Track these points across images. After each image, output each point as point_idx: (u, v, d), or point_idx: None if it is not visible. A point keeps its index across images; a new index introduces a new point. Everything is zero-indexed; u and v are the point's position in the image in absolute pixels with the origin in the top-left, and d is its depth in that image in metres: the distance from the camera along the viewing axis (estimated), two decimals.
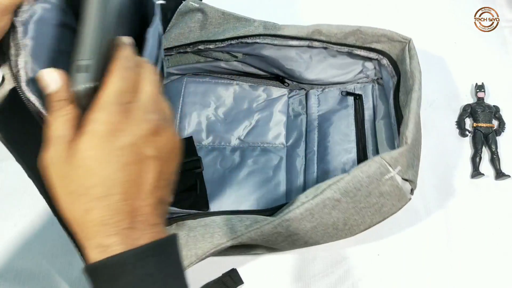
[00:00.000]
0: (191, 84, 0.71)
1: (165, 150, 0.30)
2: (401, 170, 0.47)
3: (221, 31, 0.65)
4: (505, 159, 0.66)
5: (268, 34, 0.61)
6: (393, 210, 0.52)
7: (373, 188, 0.47)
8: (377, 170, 0.46)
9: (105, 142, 0.27)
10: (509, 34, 0.76)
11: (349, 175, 0.47)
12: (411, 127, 0.49)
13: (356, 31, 0.60)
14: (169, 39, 0.66)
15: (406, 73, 0.57)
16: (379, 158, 0.46)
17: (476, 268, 0.59)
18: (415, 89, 0.53)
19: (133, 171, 0.28)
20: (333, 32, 0.60)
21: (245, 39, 0.62)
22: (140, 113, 0.29)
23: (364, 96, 0.67)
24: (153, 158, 0.29)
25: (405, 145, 0.48)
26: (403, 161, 0.47)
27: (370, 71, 0.67)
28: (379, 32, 0.60)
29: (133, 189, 0.28)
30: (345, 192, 0.47)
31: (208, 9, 0.65)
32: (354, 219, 0.50)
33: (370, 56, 0.63)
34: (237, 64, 0.67)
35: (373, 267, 0.60)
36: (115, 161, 0.27)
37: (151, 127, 0.29)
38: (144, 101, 0.30)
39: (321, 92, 0.69)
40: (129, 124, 0.28)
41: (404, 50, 0.59)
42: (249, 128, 0.68)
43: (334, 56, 0.65)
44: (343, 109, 0.67)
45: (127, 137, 0.28)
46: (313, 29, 0.60)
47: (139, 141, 0.28)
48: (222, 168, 0.65)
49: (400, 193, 0.49)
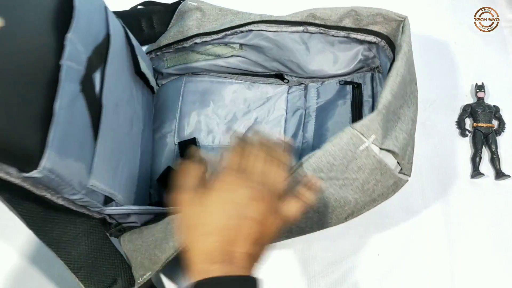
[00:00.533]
0: (190, 84, 0.71)
1: (264, 217, 0.36)
2: (376, 139, 0.42)
3: (218, 26, 0.65)
4: (505, 159, 0.66)
5: (262, 20, 0.61)
6: (380, 189, 0.47)
7: (348, 162, 0.43)
8: (349, 141, 0.42)
9: (222, 196, 0.36)
10: (509, 34, 0.76)
11: (321, 150, 0.43)
12: (384, 94, 0.44)
13: (351, 11, 0.58)
14: (167, 37, 0.66)
15: (398, 48, 0.52)
16: (349, 128, 0.42)
17: (476, 268, 0.59)
18: (397, 59, 0.48)
19: (232, 222, 0.35)
20: (328, 15, 0.59)
21: (240, 28, 0.62)
22: (249, 180, 0.37)
23: (363, 84, 0.66)
24: (252, 219, 0.35)
25: (375, 110, 0.43)
26: (376, 128, 0.42)
27: (370, 60, 0.66)
28: (374, 11, 0.57)
29: (231, 236, 0.35)
30: (318, 168, 0.44)
31: (206, 6, 0.66)
32: (335, 199, 0.46)
33: (368, 40, 0.61)
34: (236, 62, 0.67)
35: (373, 267, 0.60)
36: (223, 211, 0.36)
37: (255, 193, 0.36)
38: (255, 173, 0.38)
39: (321, 85, 0.69)
40: (239, 186, 0.36)
41: (398, 27, 0.56)
42: (248, 126, 0.68)
43: (332, 45, 0.64)
44: (341, 99, 0.67)
45: (235, 195, 0.36)
46: (307, 13, 0.60)
47: (243, 201, 0.36)
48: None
49: (381, 166, 0.44)
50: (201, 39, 0.65)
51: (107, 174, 0.45)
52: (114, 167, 0.48)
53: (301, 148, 0.65)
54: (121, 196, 0.48)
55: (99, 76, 0.46)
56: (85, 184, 0.41)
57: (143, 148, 0.59)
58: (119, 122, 0.50)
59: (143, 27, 0.68)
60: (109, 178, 0.46)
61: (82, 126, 0.41)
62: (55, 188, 0.39)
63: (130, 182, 0.53)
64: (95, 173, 0.42)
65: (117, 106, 0.49)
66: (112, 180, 0.47)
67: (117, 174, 0.48)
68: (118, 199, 0.48)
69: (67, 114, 0.38)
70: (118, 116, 0.49)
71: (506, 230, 0.61)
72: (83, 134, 0.42)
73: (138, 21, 0.67)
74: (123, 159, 0.50)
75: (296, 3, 0.65)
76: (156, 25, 0.68)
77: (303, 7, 0.61)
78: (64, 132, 0.37)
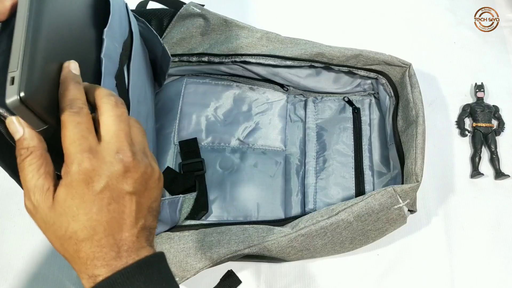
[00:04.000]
0: (191, 85, 0.71)
1: (140, 183, 0.31)
2: (409, 203, 0.53)
3: (223, 39, 0.65)
4: (505, 159, 0.66)
5: (271, 55, 0.63)
6: (391, 230, 0.56)
7: (382, 215, 0.52)
8: (388, 199, 0.51)
9: (83, 190, 0.29)
10: (509, 34, 0.76)
11: (363, 201, 0.52)
12: (419, 164, 0.53)
13: (358, 55, 0.62)
14: (170, 43, 0.66)
15: (407, 101, 0.59)
16: (391, 189, 0.51)
17: (475, 268, 0.59)
18: (419, 122, 0.56)
19: (112, 209, 0.30)
20: (335, 56, 0.62)
21: (248, 58, 0.64)
22: (106, 154, 0.30)
23: (361, 110, 0.69)
24: (130, 193, 0.31)
25: (416, 183, 0.53)
26: (412, 195, 0.53)
27: (367, 86, 0.68)
28: (380, 58, 0.62)
29: (115, 225, 0.30)
30: (358, 216, 0.52)
31: (210, 15, 0.66)
32: (360, 239, 0.55)
33: (369, 76, 0.65)
34: (237, 68, 0.67)
35: (373, 267, 0.60)
36: (95, 205, 0.29)
37: (121, 166, 0.30)
38: (108, 141, 0.30)
39: (320, 101, 0.70)
40: (100, 168, 0.29)
41: (404, 75, 0.61)
42: (249, 130, 0.68)
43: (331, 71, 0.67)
44: (342, 122, 0.68)
45: (101, 181, 0.30)
46: (315, 51, 0.62)
47: (113, 182, 0.30)
48: (221, 169, 0.65)
49: (402, 219, 0.54)
50: (209, 58, 0.66)
51: None
52: None
53: (305, 169, 0.66)
54: None
55: (126, 72, 0.47)
56: None
57: (152, 145, 0.59)
58: (140, 119, 0.50)
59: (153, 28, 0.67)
60: None
61: None
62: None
63: None
64: None
65: (139, 102, 0.50)
66: None
67: None
68: None
69: None
70: (139, 112, 0.50)
71: (505, 230, 0.61)
72: None
73: (149, 22, 0.67)
74: None
75: (298, 14, 0.66)
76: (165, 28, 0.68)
77: (303, 17, 0.61)
78: None
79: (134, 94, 0.48)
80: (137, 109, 0.49)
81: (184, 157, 0.65)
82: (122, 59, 0.45)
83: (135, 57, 0.50)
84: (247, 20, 0.68)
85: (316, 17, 0.80)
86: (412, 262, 0.60)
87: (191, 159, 0.64)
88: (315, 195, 0.63)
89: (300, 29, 0.71)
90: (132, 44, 0.49)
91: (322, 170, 0.65)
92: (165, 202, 0.53)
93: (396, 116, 0.62)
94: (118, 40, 0.44)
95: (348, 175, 0.64)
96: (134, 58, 0.49)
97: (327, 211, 0.53)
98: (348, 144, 0.66)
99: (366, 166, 0.65)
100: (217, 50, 0.65)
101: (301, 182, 0.65)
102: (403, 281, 0.59)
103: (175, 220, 0.56)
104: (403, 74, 0.61)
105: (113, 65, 0.42)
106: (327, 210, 0.53)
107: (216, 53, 0.65)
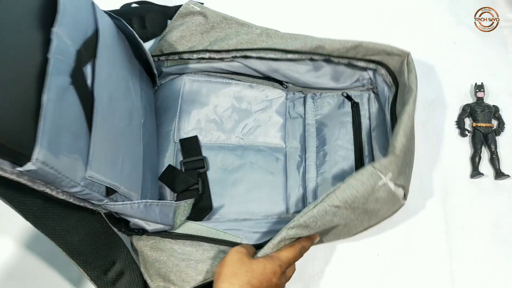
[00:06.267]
0: (191, 83, 0.70)
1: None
2: (392, 177, 0.50)
3: (223, 36, 0.65)
4: (505, 158, 0.66)
5: (271, 48, 0.63)
6: (388, 213, 0.55)
7: (368, 195, 0.50)
8: (369, 177, 0.49)
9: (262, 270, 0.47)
10: (508, 34, 0.76)
11: (344, 184, 0.49)
12: (399, 138, 0.51)
13: (358, 46, 0.61)
14: (169, 41, 0.66)
15: (404, 85, 0.59)
16: (370, 166, 0.49)
17: (475, 268, 0.59)
18: (409, 103, 0.55)
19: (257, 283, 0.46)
20: (336, 48, 0.62)
21: (249, 53, 0.64)
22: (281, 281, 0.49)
23: (360, 104, 0.68)
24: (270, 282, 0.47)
25: (393, 155, 0.50)
26: (393, 168, 0.50)
27: (366, 80, 0.68)
28: (379, 48, 0.61)
29: None
30: (344, 201, 0.50)
31: (209, 13, 0.66)
32: (354, 224, 0.54)
33: (369, 67, 0.64)
34: (237, 65, 0.67)
35: (373, 267, 0.60)
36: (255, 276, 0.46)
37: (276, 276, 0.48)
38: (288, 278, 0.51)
39: (319, 97, 0.70)
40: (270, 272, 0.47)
41: (403, 63, 0.60)
42: (249, 127, 0.68)
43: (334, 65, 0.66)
44: (341, 116, 0.68)
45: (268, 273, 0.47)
46: (316, 44, 0.61)
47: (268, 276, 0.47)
48: (221, 167, 0.65)
49: (394, 198, 0.52)
50: (209, 55, 0.65)
51: (105, 165, 0.45)
52: (112, 159, 0.48)
53: (306, 164, 0.66)
54: (124, 187, 0.49)
55: (90, 70, 0.46)
56: (83, 176, 0.41)
57: (146, 141, 0.59)
58: (116, 115, 0.50)
59: (134, 27, 0.66)
60: (107, 169, 0.46)
61: (75, 119, 0.42)
62: (53, 182, 0.39)
63: (135, 174, 0.53)
64: (92, 165, 0.42)
65: (112, 99, 0.49)
66: (111, 171, 0.47)
67: (117, 165, 0.48)
68: (122, 190, 0.48)
69: (56, 106, 0.38)
70: (114, 108, 0.49)
71: (505, 230, 0.61)
72: (77, 126, 0.42)
73: (129, 20, 0.66)
74: (122, 150, 0.50)
75: (297, 10, 0.66)
76: (149, 26, 0.67)
77: (303, 12, 0.61)
78: (54, 124, 0.38)
79: (104, 90, 0.47)
80: (110, 105, 0.48)
81: (185, 155, 0.65)
82: (82, 57, 0.45)
83: (105, 54, 0.49)
84: (246, 17, 0.67)
85: (316, 17, 0.80)
86: (412, 262, 0.60)
87: (193, 157, 0.64)
88: (316, 189, 0.63)
89: (299, 27, 0.71)
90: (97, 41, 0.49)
91: (322, 164, 0.65)
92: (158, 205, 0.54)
93: (395, 103, 0.61)
94: (74, 38, 0.44)
95: (348, 168, 0.64)
96: (103, 55, 0.49)
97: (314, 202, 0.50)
98: (348, 138, 0.66)
99: (366, 158, 0.64)
100: (217, 47, 0.65)
101: (302, 177, 0.65)
102: (403, 281, 0.59)
103: (168, 223, 0.56)
104: (401, 63, 0.60)
105: (66, 64, 0.42)
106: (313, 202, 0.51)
107: (217, 49, 0.65)
